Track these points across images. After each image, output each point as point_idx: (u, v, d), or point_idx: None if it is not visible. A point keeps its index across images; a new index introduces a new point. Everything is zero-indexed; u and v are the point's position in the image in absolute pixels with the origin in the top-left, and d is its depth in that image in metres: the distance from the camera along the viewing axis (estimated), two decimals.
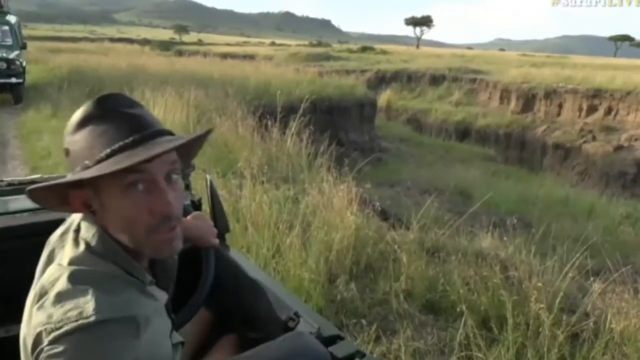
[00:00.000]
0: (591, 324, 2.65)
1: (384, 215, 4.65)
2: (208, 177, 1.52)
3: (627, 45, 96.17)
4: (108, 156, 0.81)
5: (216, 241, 1.34)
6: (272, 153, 5.60)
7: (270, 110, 6.88)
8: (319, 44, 72.41)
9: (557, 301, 2.81)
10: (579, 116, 23.93)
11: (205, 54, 30.64)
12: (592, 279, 3.16)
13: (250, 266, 1.59)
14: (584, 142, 22.36)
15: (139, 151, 0.81)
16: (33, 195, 0.86)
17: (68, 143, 0.86)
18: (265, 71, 16.09)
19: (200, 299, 1.39)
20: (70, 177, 0.83)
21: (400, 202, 6.39)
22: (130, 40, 49.90)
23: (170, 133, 0.88)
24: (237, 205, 3.89)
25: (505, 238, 3.98)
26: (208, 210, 1.53)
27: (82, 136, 0.84)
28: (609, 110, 22.93)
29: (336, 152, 6.57)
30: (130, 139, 0.83)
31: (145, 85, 8.84)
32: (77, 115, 0.86)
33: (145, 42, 49.52)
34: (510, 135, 25.12)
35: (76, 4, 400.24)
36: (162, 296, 0.93)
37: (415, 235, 3.74)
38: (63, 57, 16.81)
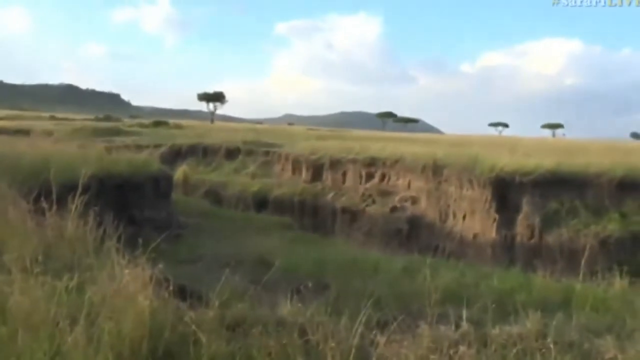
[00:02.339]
0: None
1: (182, 294, 4.46)
2: None
3: (391, 121, 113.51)
4: None
5: None
6: (51, 239, 5.00)
7: (48, 192, 6.18)
8: (107, 118, 68.83)
9: (351, 358, 3.00)
10: (360, 182, 26.90)
11: None
12: (374, 332, 3.47)
13: None
14: (366, 205, 25.10)
15: None
16: None
17: None
18: (43, 148, 14.53)
19: None
20: None
21: (201, 279, 6.22)
22: None
23: None
24: (6, 305, 3.33)
25: (301, 304, 4.14)
26: None
27: None
28: (383, 177, 26.28)
29: (130, 232, 6.16)
30: None
31: None
32: None
33: None
34: (304, 202, 26.89)
35: None
36: None
37: (216, 312, 3.66)
38: None
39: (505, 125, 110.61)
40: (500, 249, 19.28)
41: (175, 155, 34.44)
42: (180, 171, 29.37)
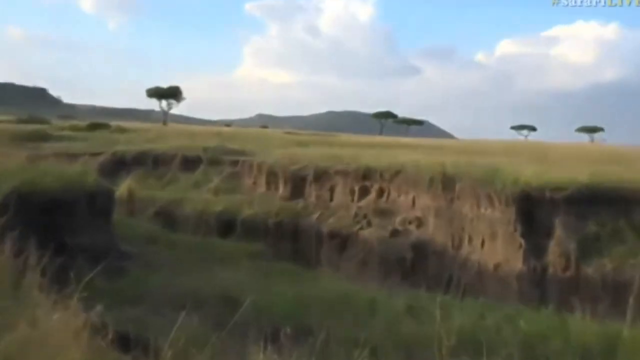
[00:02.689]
0: None
1: (125, 344, 4.40)
2: None
3: (390, 122, 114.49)
4: None
5: None
6: None
7: None
8: (32, 119, 68.23)
9: None
10: (352, 199, 26.91)
11: None
12: None
13: None
14: (360, 228, 25.10)
15: None
16: None
17: None
18: None
19: None
20: None
21: (149, 324, 6.15)
22: None
23: None
24: None
25: (277, 355, 4.10)
26: None
27: None
28: (380, 192, 26.34)
29: (58, 263, 6.06)
30: None
31: None
32: None
33: None
34: (281, 225, 26.81)
35: None
36: None
37: None
38: None
39: (532, 129, 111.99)
40: (528, 282, 19.39)
41: (118, 165, 34.23)
42: (124, 186, 29.14)
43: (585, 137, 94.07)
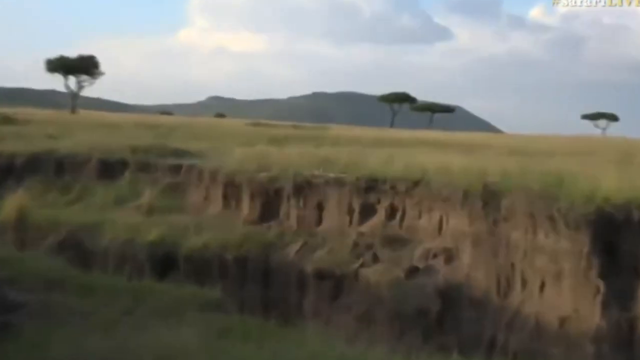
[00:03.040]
0: None
1: None
2: None
3: (407, 109, 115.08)
4: None
5: None
6: None
7: None
8: None
9: None
10: (350, 222, 26.83)
11: None
12: None
13: None
14: (362, 265, 25.04)
15: None
16: None
17: None
18: None
19: None
20: None
21: None
22: None
23: None
24: None
25: None
26: None
27: None
28: (392, 212, 26.27)
29: None
30: None
31: None
32: None
33: None
34: (246, 261, 26.72)
35: None
36: None
37: None
38: None
39: (613, 118, 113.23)
40: (609, 344, 19.43)
41: (5, 173, 34.14)
42: (11, 204, 29.05)
43: None
